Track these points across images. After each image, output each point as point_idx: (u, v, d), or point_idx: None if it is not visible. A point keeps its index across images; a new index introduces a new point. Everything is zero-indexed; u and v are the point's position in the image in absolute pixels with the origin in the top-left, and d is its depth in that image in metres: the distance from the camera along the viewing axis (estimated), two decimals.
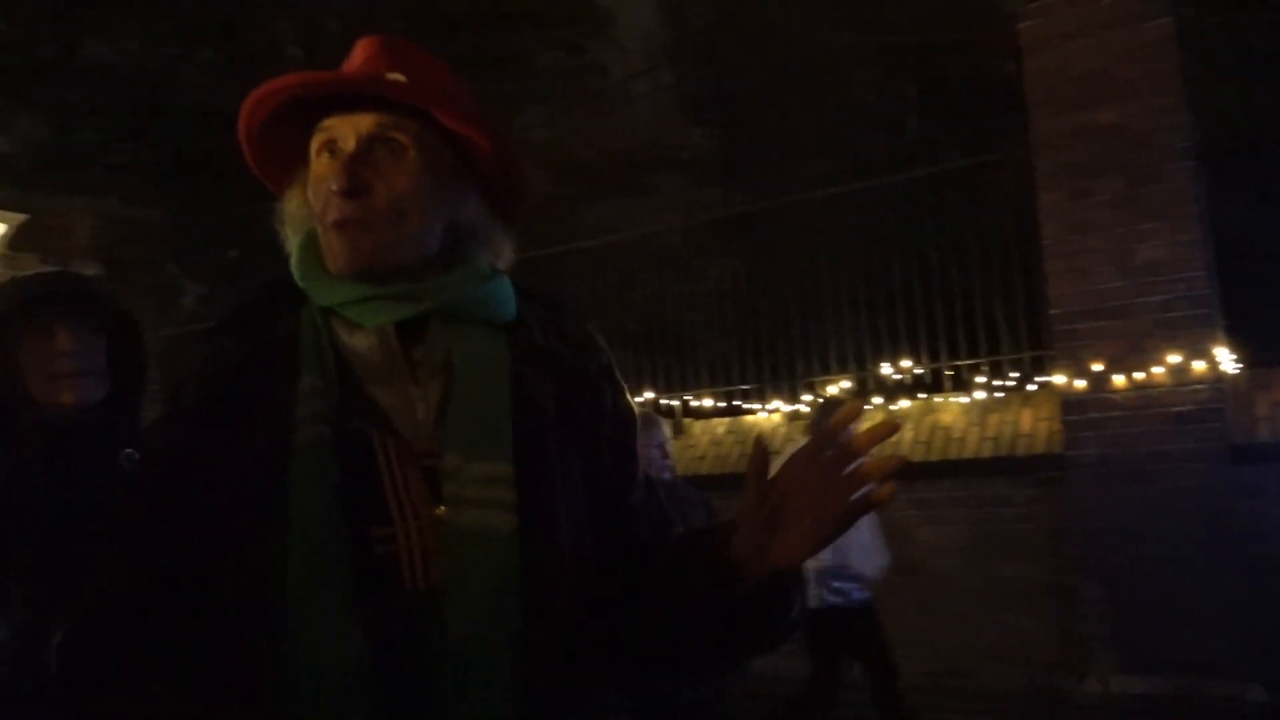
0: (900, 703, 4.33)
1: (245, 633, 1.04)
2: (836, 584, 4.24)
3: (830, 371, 6.53)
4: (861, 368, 6.44)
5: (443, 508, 1.07)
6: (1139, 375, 5.06)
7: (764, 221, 7.29)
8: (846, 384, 6.43)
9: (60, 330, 1.82)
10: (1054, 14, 5.25)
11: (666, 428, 3.95)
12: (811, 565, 4.26)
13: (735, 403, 6.84)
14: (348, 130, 1.12)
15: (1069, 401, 5.26)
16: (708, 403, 6.83)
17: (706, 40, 14.25)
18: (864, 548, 4.23)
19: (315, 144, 1.15)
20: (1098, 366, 5.16)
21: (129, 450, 1.97)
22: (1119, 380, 5.11)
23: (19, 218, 7.95)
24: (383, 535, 1.06)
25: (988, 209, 6.38)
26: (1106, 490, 5.11)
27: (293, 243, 1.20)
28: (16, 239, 8.04)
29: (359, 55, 1.19)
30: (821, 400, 4.71)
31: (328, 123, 1.14)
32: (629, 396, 1.30)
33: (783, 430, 6.36)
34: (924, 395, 6.15)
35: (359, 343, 1.14)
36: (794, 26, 11.37)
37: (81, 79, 10.77)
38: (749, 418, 6.71)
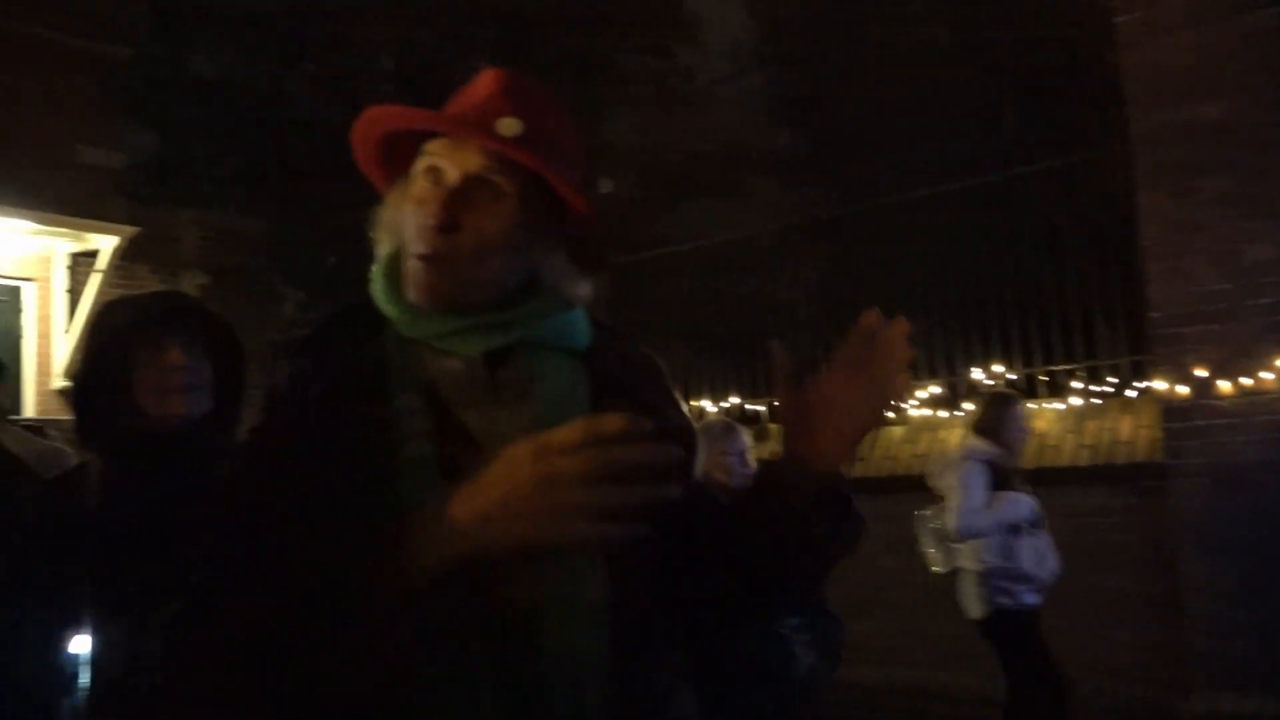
0: None
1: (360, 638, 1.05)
2: (1004, 584, 4.12)
3: (920, 376, 6.40)
4: (952, 373, 6.29)
5: None
6: (1246, 381, 4.84)
7: (853, 223, 7.19)
8: (936, 389, 6.30)
9: (173, 346, 1.92)
10: (1154, 7, 5.06)
11: (747, 435, 3.93)
12: (980, 567, 4.16)
13: None
14: (454, 165, 1.14)
15: (1171, 409, 5.06)
16: None
17: (795, 40, 14.13)
18: (1036, 551, 4.12)
19: (421, 164, 1.17)
20: (1202, 372, 4.96)
21: (226, 462, 2.05)
22: (1225, 386, 4.90)
23: (131, 230, 8.31)
24: None
25: (1084, 208, 6.19)
26: (1212, 501, 4.91)
27: (381, 250, 1.23)
28: (128, 251, 8.41)
29: (481, 89, 1.20)
30: (990, 395, 4.67)
31: (435, 148, 1.16)
32: (687, 416, 1.35)
33: (870, 436, 6.25)
34: None
35: (446, 366, 1.16)
36: (884, 24, 11.19)
37: (190, 95, 11.24)
38: None
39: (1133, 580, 5.27)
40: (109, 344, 1.91)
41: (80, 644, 1.83)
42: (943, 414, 6.09)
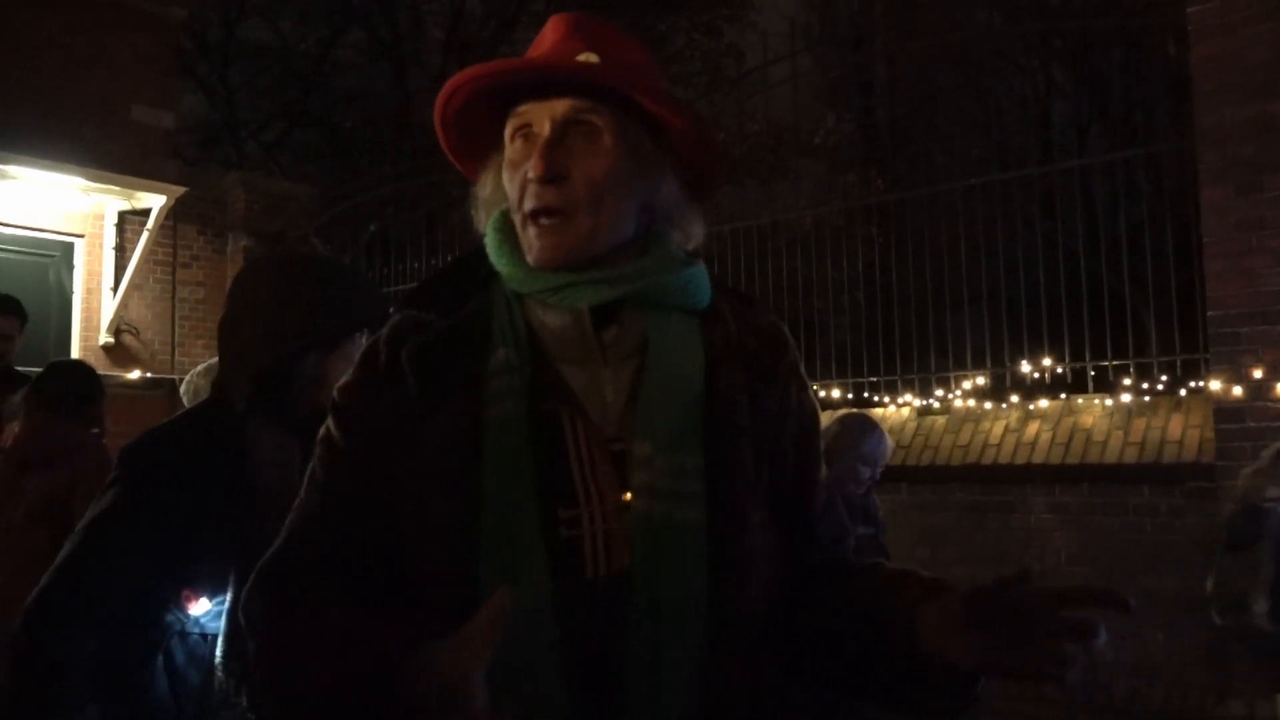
0: None
1: (439, 604, 1.04)
2: None
3: (965, 367, 6.33)
4: (998, 364, 6.22)
5: (629, 494, 1.06)
6: None
7: (901, 210, 7.11)
8: (981, 380, 6.22)
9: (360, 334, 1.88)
10: None
11: (889, 442, 3.85)
12: None
13: (864, 395, 6.71)
14: (542, 115, 1.11)
15: (1223, 409, 4.96)
16: (835, 394, 6.72)
17: (848, 23, 13.97)
18: None
19: (510, 129, 1.14)
20: (1258, 373, 4.85)
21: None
22: None
23: (180, 190, 8.38)
24: (569, 518, 1.06)
25: (1140, 202, 6.08)
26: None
27: (485, 225, 1.21)
28: (176, 211, 8.49)
29: (549, 36, 1.17)
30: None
31: (522, 108, 1.13)
32: (813, 394, 1.27)
33: (911, 425, 6.21)
34: (1064, 395, 5.90)
35: (552, 321, 1.13)
36: (939, 10, 11.04)
37: (240, 59, 11.31)
38: (877, 410, 6.57)
39: (1175, 581, 5.19)
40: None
41: (201, 605, 1.81)
42: (988, 405, 6.01)
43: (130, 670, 1.78)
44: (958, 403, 6.10)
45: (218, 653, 1.77)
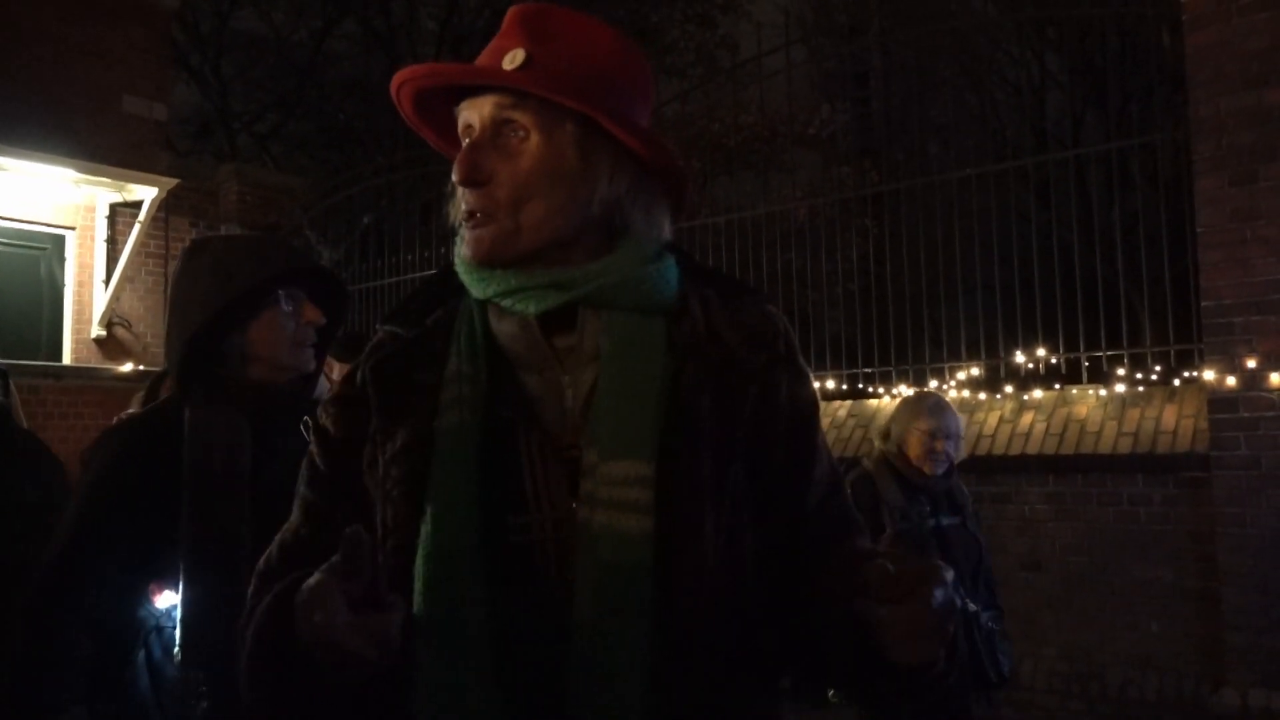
0: None
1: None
2: None
3: (960, 357, 6.33)
4: (993, 354, 6.22)
5: (576, 504, 1.04)
6: None
7: (895, 201, 7.10)
8: (976, 370, 6.22)
9: (306, 302, 1.91)
10: None
11: (959, 419, 3.71)
12: None
13: (859, 386, 6.71)
14: (474, 115, 1.12)
15: (1217, 399, 4.97)
16: (830, 385, 6.72)
17: (842, 14, 13.94)
18: None
19: (459, 128, 1.15)
20: (1251, 363, 4.86)
21: (307, 418, 2.04)
22: (1275, 379, 4.80)
23: (171, 182, 8.35)
24: (519, 524, 1.05)
25: (1134, 193, 6.07)
26: (1256, 494, 4.82)
27: (455, 223, 1.19)
28: (168, 202, 8.45)
29: (502, 30, 1.16)
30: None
31: (461, 106, 1.14)
32: (811, 385, 1.22)
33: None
34: (1059, 386, 5.90)
35: (506, 329, 1.13)
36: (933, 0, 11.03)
37: (234, 50, 11.24)
38: (872, 401, 6.58)
39: (1170, 571, 5.20)
40: (240, 295, 1.85)
41: (167, 598, 1.81)
42: (982, 396, 6.02)
43: (115, 667, 1.78)
44: (952, 393, 6.10)
45: (175, 645, 1.76)
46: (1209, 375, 5.01)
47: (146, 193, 8.27)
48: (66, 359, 8.30)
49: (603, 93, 1.10)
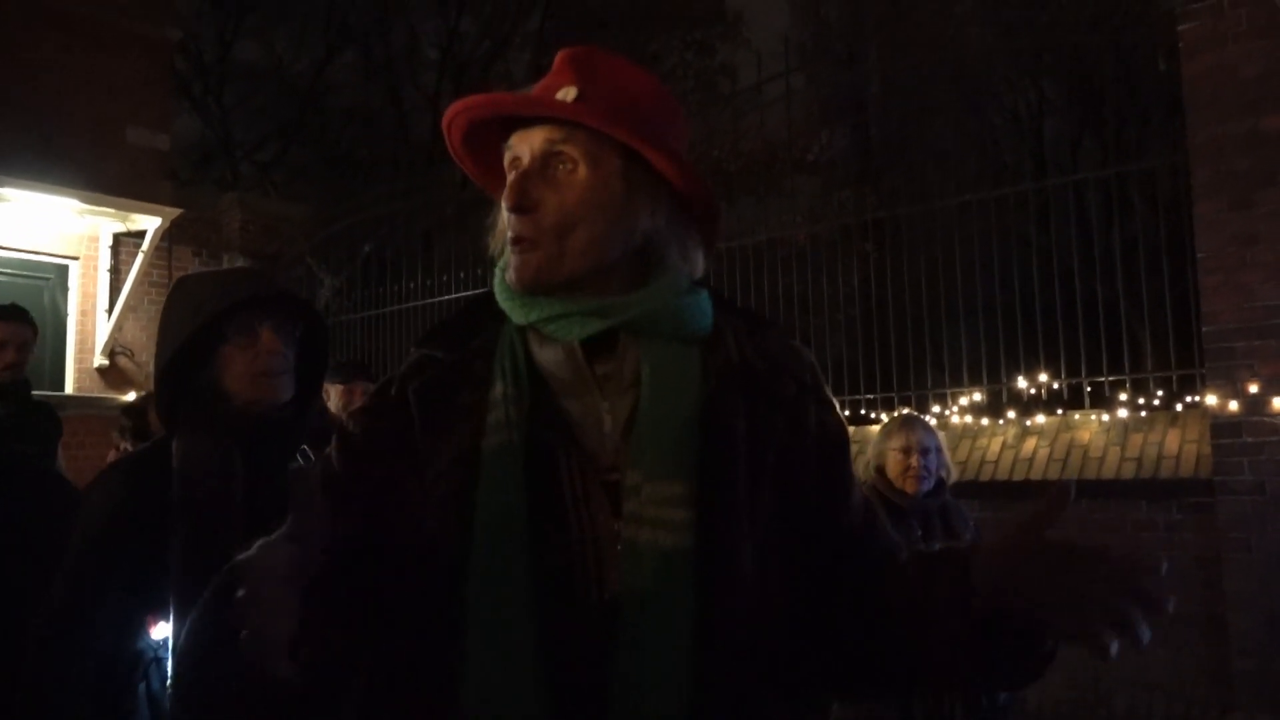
0: None
1: (428, 624, 1.09)
2: None
3: (962, 383, 6.33)
4: (995, 380, 6.22)
5: (619, 524, 1.08)
6: None
7: (895, 227, 7.12)
8: (978, 396, 6.22)
9: (266, 331, 1.91)
10: (1222, 14, 4.95)
11: (935, 435, 3.67)
12: None
13: (860, 411, 6.71)
14: (524, 147, 1.16)
15: (1220, 424, 4.97)
16: None
17: (841, 41, 14.04)
18: None
19: (506, 160, 1.19)
20: (1253, 388, 4.86)
21: (305, 448, 2.04)
22: (1277, 404, 4.80)
23: (175, 212, 8.38)
24: (561, 543, 1.08)
25: (1134, 218, 6.09)
26: (1261, 519, 4.81)
27: (496, 254, 1.24)
28: (171, 232, 8.49)
29: (552, 69, 1.22)
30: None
31: (512, 139, 1.18)
32: (839, 415, 1.26)
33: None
34: (1061, 411, 5.90)
35: (548, 355, 1.16)
36: (932, 26, 11.10)
37: (235, 79, 11.33)
38: (873, 427, 6.57)
39: (1175, 596, 5.18)
40: (203, 324, 1.88)
41: (163, 630, 1.83)
42: (985, 422, 6.01)
43: (117, 698, 1.79)
44: (955, 419, 6.10)
45: (169, 676, 1.78)
46: (1211, 400, 5.01)
47: (150, 222, 8.30)
48: (69, 388, 8.31)
49: (648, 128, 1.15)
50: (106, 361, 8.42)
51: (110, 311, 8.42)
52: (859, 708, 2.79)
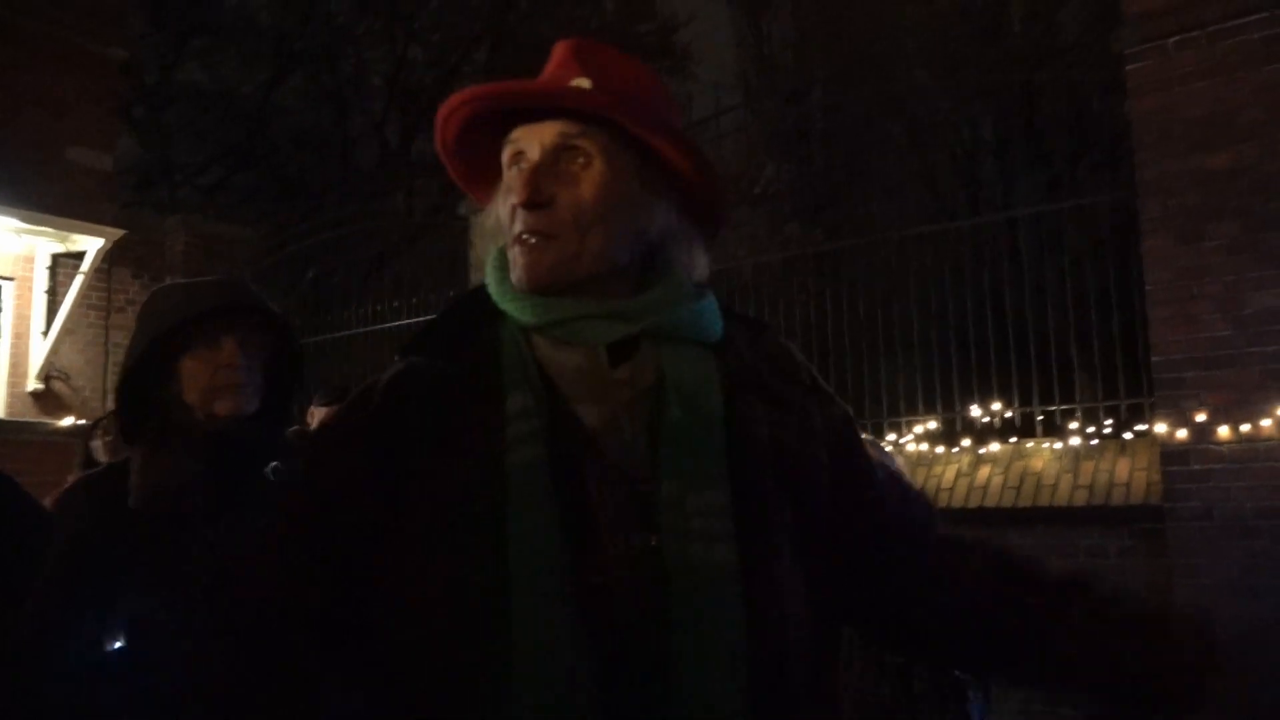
0: None
1: (450, 658, 1.01)
2: None
3: (918, 411, 6.41)
4: (949, 409, 6.32)
5: (656, 537, 1.03)
6: (1246, 428, 4.88)
7: (842, 260, 7.22)
8: (932, 424, 6.31)
9: (228, 342, 1.84)
10: (1169, 55, 5.13)
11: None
12: None
13: None
14: (533, 141, 1.10)
15: (1169, 452, 5.09)
16: None
17: (787, 76, 14.26)
18: None
19: (506, 156, 1.13)
20: (1201, 417, 5.00)
21: (275, 464, 1.98)
22: (1224, 432, 4.94)
23: (117, 233, 8.17)
24: (598, 562, 1.02)
25: (1084, 251, 6.26)
26: (1210, 545, 4.93)
27: (486, 257, 1.18)
28: (112, 254, 8.27)
29: (552, 61, 1.16)
30: None
31: (515, 134, 1.12)
32: (839, 403, 1.25)
33: None
34: (1014, 439, 6.01)
35: (566, 360, 1.10)
36: (878, 62, 11.33)
37: (181, 101, 11.11)
38: None
39: None
40: (163, 335, 1.83)
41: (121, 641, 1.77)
42: (939, 449, 6.09)
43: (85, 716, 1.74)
44: (910, 447, 6.17)
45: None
46: (1160, 429, 5.14)
47: (91, 243, 8.08)
48: (1, 413, 8.02)
49: (660, 122, 1.12)
50: (42, 385, 8.14)
51: (46, 334, 8.16)
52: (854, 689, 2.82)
